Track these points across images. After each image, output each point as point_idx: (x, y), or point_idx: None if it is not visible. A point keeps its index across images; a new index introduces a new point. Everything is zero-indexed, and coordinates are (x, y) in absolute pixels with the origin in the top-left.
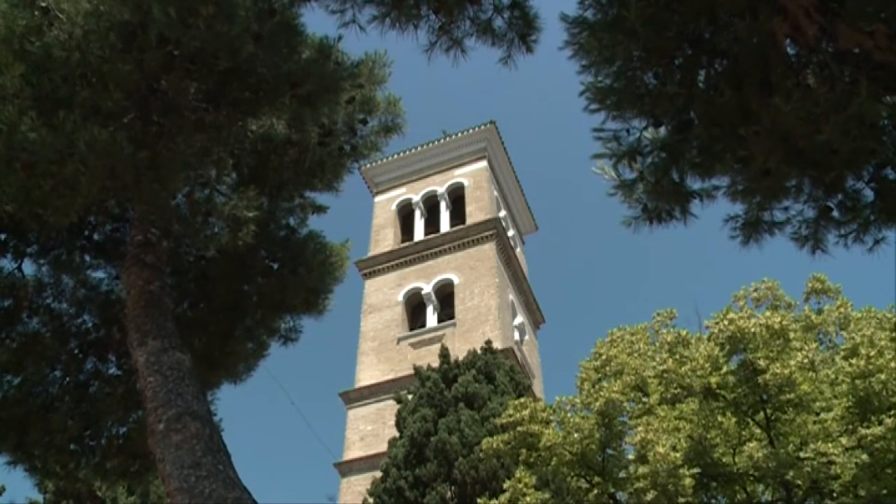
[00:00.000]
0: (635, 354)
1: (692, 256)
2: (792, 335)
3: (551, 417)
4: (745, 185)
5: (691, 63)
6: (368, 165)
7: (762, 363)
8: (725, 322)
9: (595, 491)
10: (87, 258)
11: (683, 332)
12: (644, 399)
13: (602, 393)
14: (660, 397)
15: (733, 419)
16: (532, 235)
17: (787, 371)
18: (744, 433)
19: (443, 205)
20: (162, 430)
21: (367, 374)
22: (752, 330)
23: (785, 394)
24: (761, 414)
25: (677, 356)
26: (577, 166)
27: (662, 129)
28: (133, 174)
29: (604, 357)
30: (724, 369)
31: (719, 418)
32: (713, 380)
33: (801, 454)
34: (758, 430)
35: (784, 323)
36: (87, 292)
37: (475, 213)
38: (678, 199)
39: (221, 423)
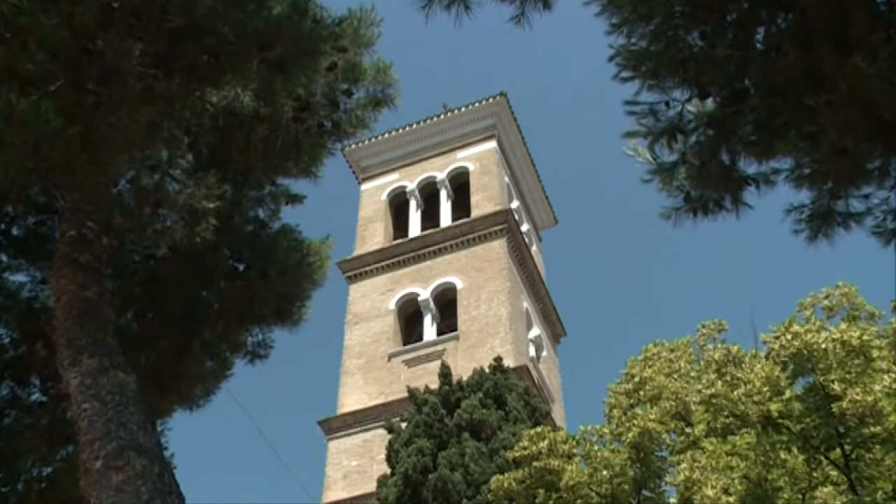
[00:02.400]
0: (676, 375)
1: (745, 256)
2: (875, 353)
3: (574, 451)
4: (813, 168)
5: (747, 19)
6: (354, 146)
7: (836, 387)
8: (788, 336)
9: None
10: (4, 258)
11: (735, 349)
12: (687, 430)
13: (636, 422)
14: (707, 428)
15: (801, 456)
16: (551, 231)
17: (869, 398)
18: (815, 474)
19: (443, 194)
20: (99, 469)
21: (352, 397)
22: (823, 346)
23: (868, 427)
24: (837, 451)
25: (728, 378)
26: (604, 148)
27: (710, 101)
28: (62, 154)
29: (637, 379)
30: (788, 394)
31: (783, 455)
32: (774, 407)
33: None
34: (833, 472)
35: (865, 338)
36: (3, 300)
37: (482, 203)
38: (728, 186)
39: (174, 459)
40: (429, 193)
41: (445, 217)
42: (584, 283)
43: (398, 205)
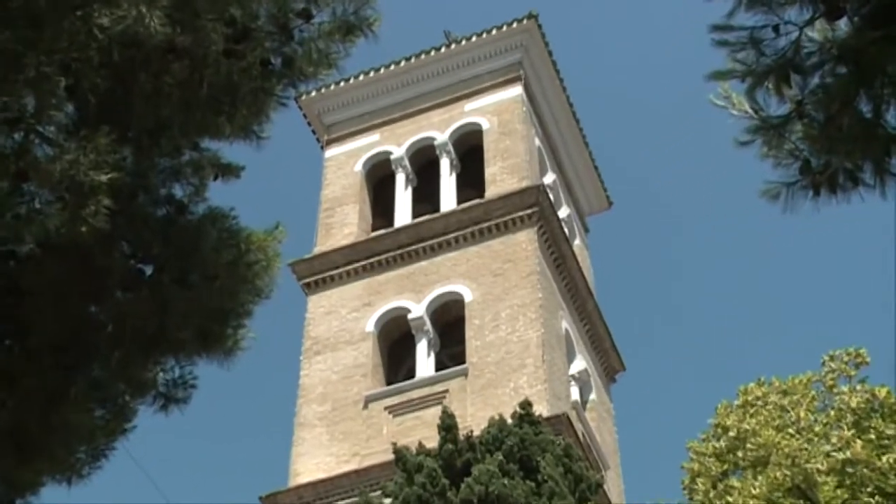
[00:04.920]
0: (792, 430)
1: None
2: None
3: None
4: None
5: None
6: (314, 94)
7: None
8: None
9: None
10: None
11: (883, 392)
12: None
13: (732, 498)
14: None
15: None
16: (602, 217)
17: None
18: None
19: (445, 164)
20: None
21: (311, 461)
22: None
23: None
24: None
25: (872, 436)
26: (679, 95)
27: (842, 23)
28: None
29: (733, 433)
30: None
31: None
32: None
33: None
34: None
35: None
36: None
37: (502, 177)
38: (870, 150)
39: None
40: (424, 163)
41: (448, 197)
42: (650, 293)
43: (379, 179)
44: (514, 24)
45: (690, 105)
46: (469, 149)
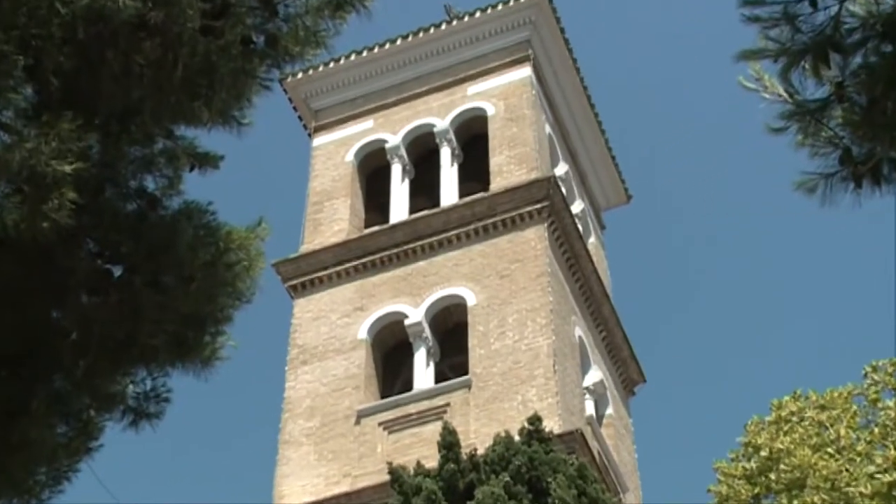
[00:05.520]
0: (831, 449)
1: None
2: None
3: None
4: None
5: None
6: (301, 76)
7: None
8: None
9: None
10: None
11: None
12: None
13: None
14: None
15: None
16: (619, 212)
17: None
18: None
19: (445, 153)
20: None
21: (298, 482)
22: None
23: None
24: None
25: None
26: (706, 77)
27: None
28: None
29: (765, 453)
30: None
31: None
32: None
33: None
34: None
35: None
36: None
37: (509, 168)
38: None
39: None
40: (422, 152)
41: (449, 191)
42: (672, 296)
43: (373, 170)
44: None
45: (718, 88)
46: (472, 137)
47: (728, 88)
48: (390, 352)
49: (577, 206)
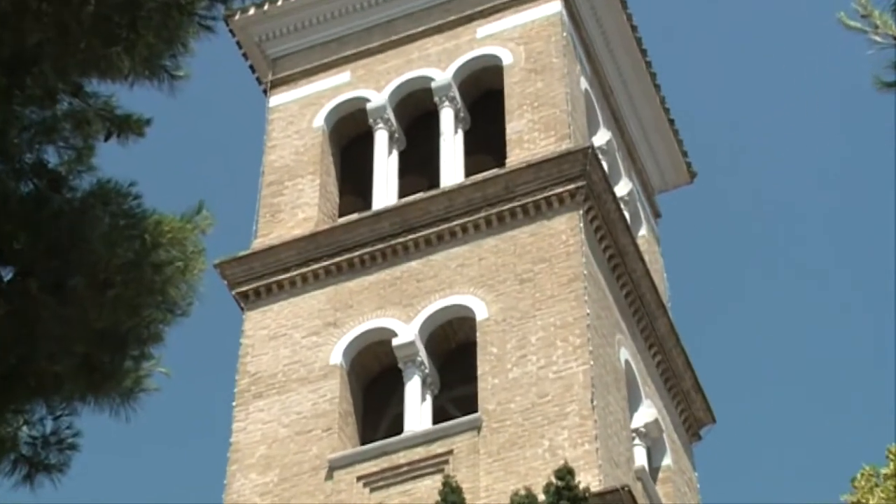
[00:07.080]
0: None
1: None
2: None
3: None
4: None
5: None
6: (253, 12)
7: None
8: None
9: None
10: None
11: None
12: None
13: None
14: None
15: None
16: (679, 195)
17: None
18: None
19: (446, 116)
20: None
21: None
22: None
23: None
24: None
25: None
26: (790, 21)
27: None
28: None
29: None
30: None
31: None
32: None
33: None
34: None
35: None
36: None
37: (531, 136)
38: None
39: None
40: (417, 116)
41: (452, 167)
42: (751, 308)
43: (350, 140)
44: None
45: (806, 36)
46: (483, 94)
47: (826, 32)
48: (373, 382)
49: (622, 188)
